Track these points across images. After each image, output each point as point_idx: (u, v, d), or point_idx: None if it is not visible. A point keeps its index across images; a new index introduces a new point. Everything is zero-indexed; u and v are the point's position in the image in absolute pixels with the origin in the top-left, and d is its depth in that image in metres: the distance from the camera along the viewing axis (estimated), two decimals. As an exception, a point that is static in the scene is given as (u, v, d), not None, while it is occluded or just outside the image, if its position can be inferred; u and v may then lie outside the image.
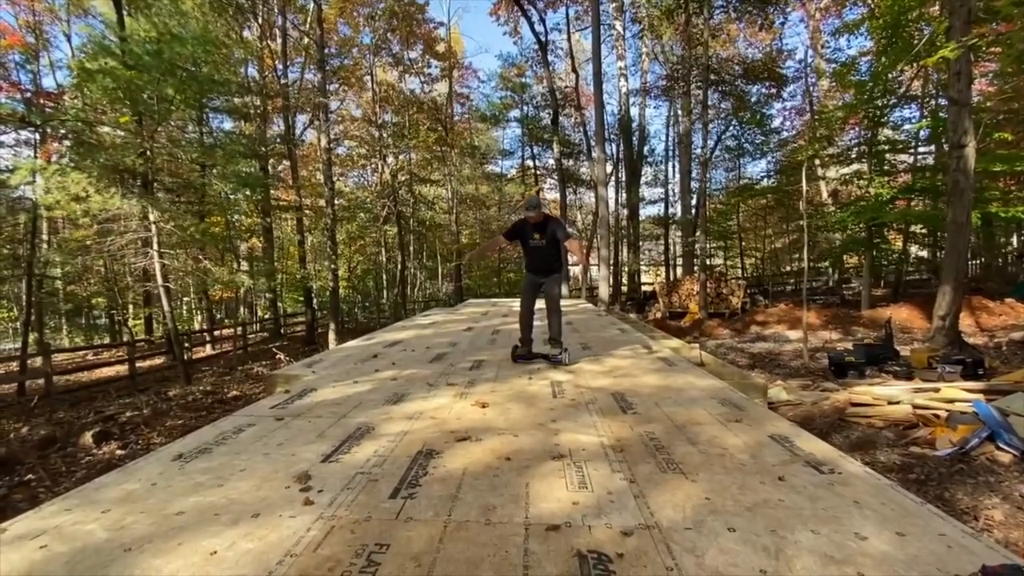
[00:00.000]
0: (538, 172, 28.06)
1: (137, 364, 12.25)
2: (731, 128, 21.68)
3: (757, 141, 22.02)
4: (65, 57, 20.50)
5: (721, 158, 25.78)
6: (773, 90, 20.63)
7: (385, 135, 23.02)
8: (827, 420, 4.84)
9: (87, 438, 6.42)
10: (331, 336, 14.67)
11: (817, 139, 15.59)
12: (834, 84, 18.07)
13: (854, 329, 12.34)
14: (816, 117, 16.87)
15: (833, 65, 17.84)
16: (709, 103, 17.97)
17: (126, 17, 12.93)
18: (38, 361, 11.94)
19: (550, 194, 30.77)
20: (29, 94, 17.12)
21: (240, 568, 1.45)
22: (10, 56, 17.90)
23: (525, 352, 4.48)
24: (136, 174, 10.74)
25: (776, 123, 23.67)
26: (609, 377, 3.86)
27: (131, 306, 21.70)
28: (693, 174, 20.53)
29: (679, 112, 23.10)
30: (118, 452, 6.17)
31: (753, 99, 20.36)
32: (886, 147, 15.42)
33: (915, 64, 11.52)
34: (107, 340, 21.92)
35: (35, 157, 15.76)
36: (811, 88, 21.17)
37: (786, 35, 25.47)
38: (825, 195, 19.34)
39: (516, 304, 12.31)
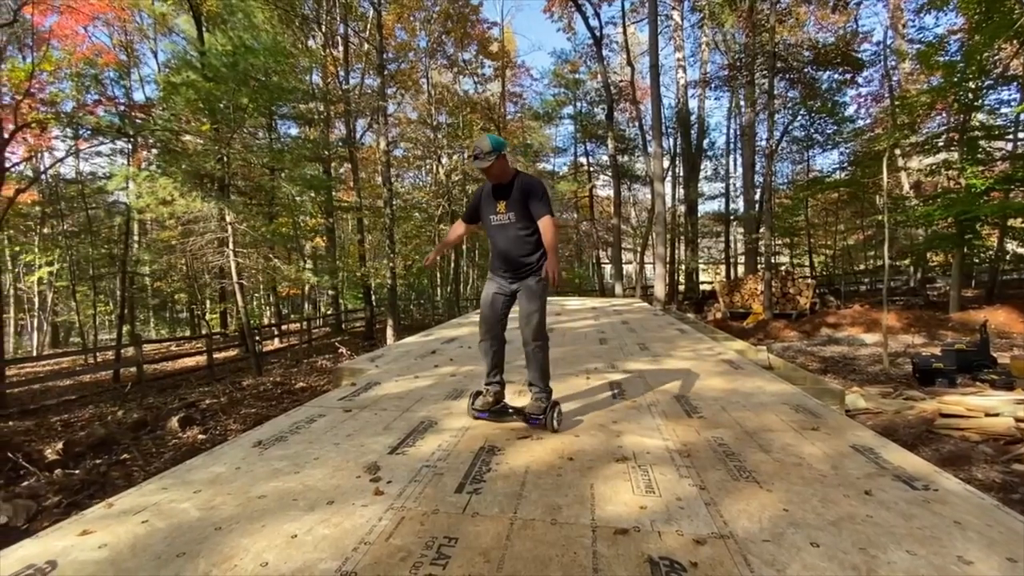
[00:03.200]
0: (591, 169, 27.69)
1: (214, 355, 13.17)
2: (799, 118, 20.40)
3: (828, 131, 20.61)
4: (152, 72, 22.38)
5: (787, 150, 24.38)
6: (847, 76, 19.24)
7: (440, 136, 23.49)
8: (912, 431, 4.46)
9: (173, 423, 6.97)
10: (389, 332, 15.15)
11: (898, 127, 14.41)
12: (918, 66, 16.63)
13: (940, 333, 11.32)
14: (897, 103, 15.59)
15: (917, 46, 16.40)
16: (775, 92, 17.00)
17: (205, 33, 13.93)
18: (130, 351, 13.12)
19: (603, 191, 30.33)
20: (123, 107, 18.80)
21: (319, 552, 1.52)
22: (106, 73, 19.73)
23: (489, 404, 2.77)
24: (214, 178, 11.54)
25: (850, 111, 22.06)
26: (671, 379, 3.74)
27: (208, 301, 23.39)
28: (757, 167, 19.55)
29: (742, 103, 22.07)
30: (199, 436, 6.66)
31: (824, 86, 19.08)
32: (980, 133, 14.02)
33: (1015, 41, 10.38)
34: (188, 333, 23.74)
35: (128, 165, 17.29)
36: (891, 72, 19.58)
37: (862, 16, 23.80)
38: (906, 187, 17.86)
39: (569, 302, 12.22)
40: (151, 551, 1.55)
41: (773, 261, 18.47)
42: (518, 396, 3.26)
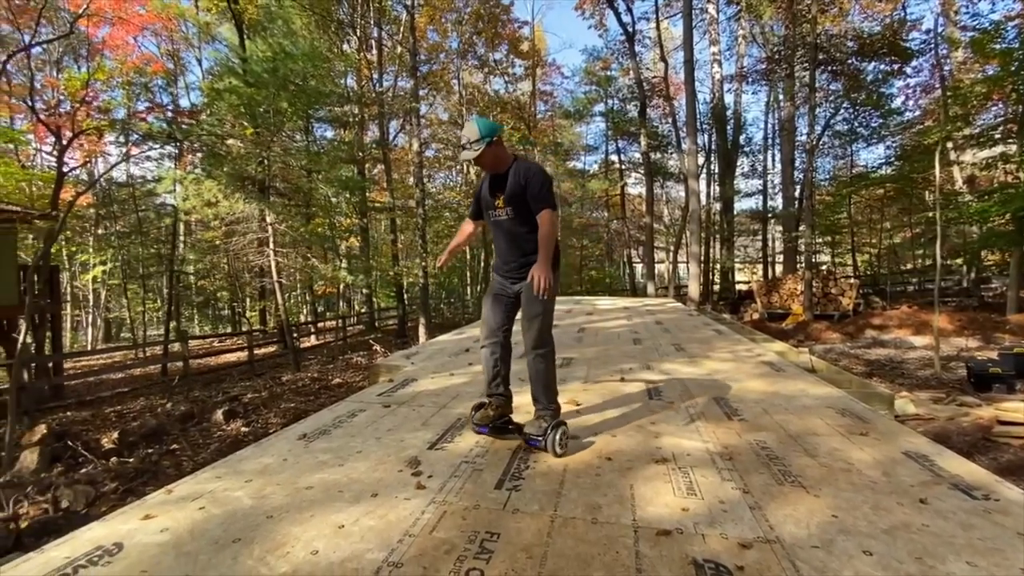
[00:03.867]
0: (623, 167, 27.36)
1: (255, 351, 13.66)
2: (842, 111, 19.60)
3: (873, 124, 19.73)
4: (196, 79, 23.35)
5: (829, 145, 23.47)
6: (894, 66, 18.37)
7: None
8: (967, 439, 4.24)
9: (218, 415, 7.27)
10: (421, 330, 15.37)
11: (950, 119, 13.68)
12: (971, 55, 15.73)
13: (997, 336, 10.70)
14: (949, 94, 14.80)
15: (970, 33, 15.51)
16: (816, 85, 16.36)
17: (246, 40, 14.44)
18: (176, 346, 13.74)
19: (634, 189, 29.92)
20: (171, 113, 19.68)
21: (366, 543, 1.56)
22: (155, 81, 20.71)
23: (489, 418, 2.49)
24: (255, 181, 11.95)
25: (897, 103, 21.03)
26: (709, 380, 3.67)
27: (248, 299, 24.26)
28: (797, 163, 18.91)
29: (780, 97, 21.38)
30: (242, 429, 6.92)
31: (869, 77, 18.27)
32: (1041, 124, 13.14)
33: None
34: (229, 329, 24.68)
35: (175, 168, 18.09)
36: (942, 61, 18.60)
37: (910, 3, 22.70)
38: (959, 182, 16.95)
39: (600, 301, 12.11)
40: (209, 536, 1.63)
41: (814, 260, 17.85)
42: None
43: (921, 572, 1.41)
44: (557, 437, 2.25)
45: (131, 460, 5.67)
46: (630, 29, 19.78)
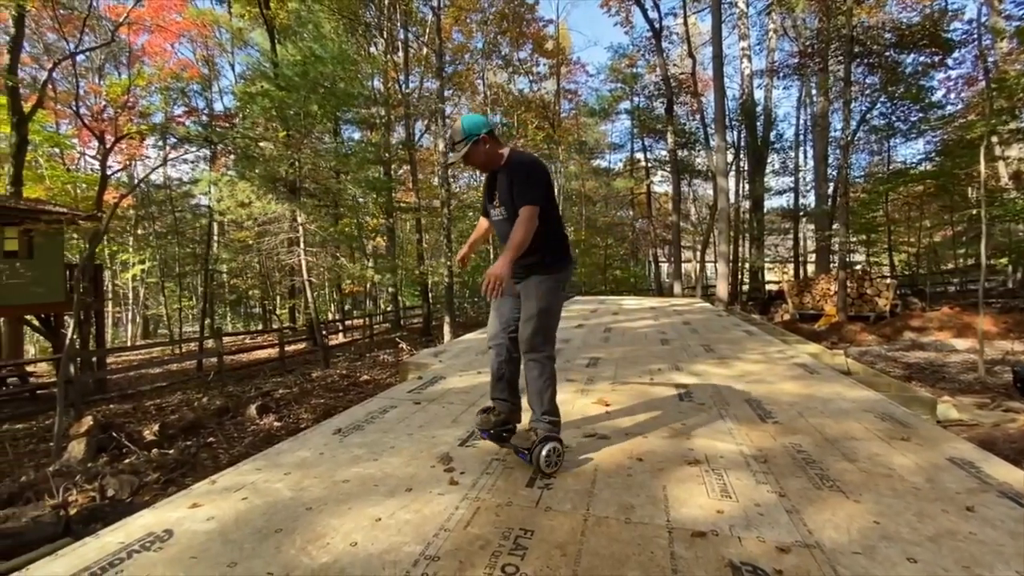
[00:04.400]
0: (649, 165, 27.03)
1: (285, 348, 14.01)
2: (878, 105, 18.92)
3: (912, 118, 18.98)
4: (229, 84, 24.04)
5: (864, 140, 22.70)
6: (935, 58, 17.63)
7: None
8: (1015, 446, 4.05)
9: (252, 410, 7.49)
10: (446, 328, 15.50)
11: (995, 112, 13.06)
12: (1017, 45, 15.00)
13: (1046, 339, 10.18)
14: (994, 86, 14.13)
15: (1016, 23, 14.82)
16: (851, 79, 15.83)
17: (277, 45, 14.79)
18: (210, 343, 14.19)
19: (660, 187, 29.52)
20: (206, 117, 20.33)
21: (402, 536, 1.60)
22: (191, 86, 21.43)
23: (490, 423, 2.38)
24: (286, 182, 12.26)
25: (937, 96, 20.18)
26: (740, 382, 3.61)
27: (278, 298, 24.88)
28: (830, 160, 18.37)
29: (813, 91, 20.80)
30: (275, 424, 7.12)
31: (907, 70, 17.58)
32: (1096, 117, 12.47)
33: None
34: (260, 327, 25.37)
35: (209, 170, 18.68)
36: (985, 52, 17.76)
37: (952, -8, 21.74)
38: (1005, 178, 16.20)
39: (626, 301, 12.00)
40: (252, 525, 1.69)
41: (848, 259, 17.29)
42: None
43: (970, 582, 1.37)
44: (544, 452, 2.03)
45: (171, 452, 5.89)
46: (657, 25, 19.53)
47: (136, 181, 21.87)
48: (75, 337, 8.92)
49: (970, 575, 1.39)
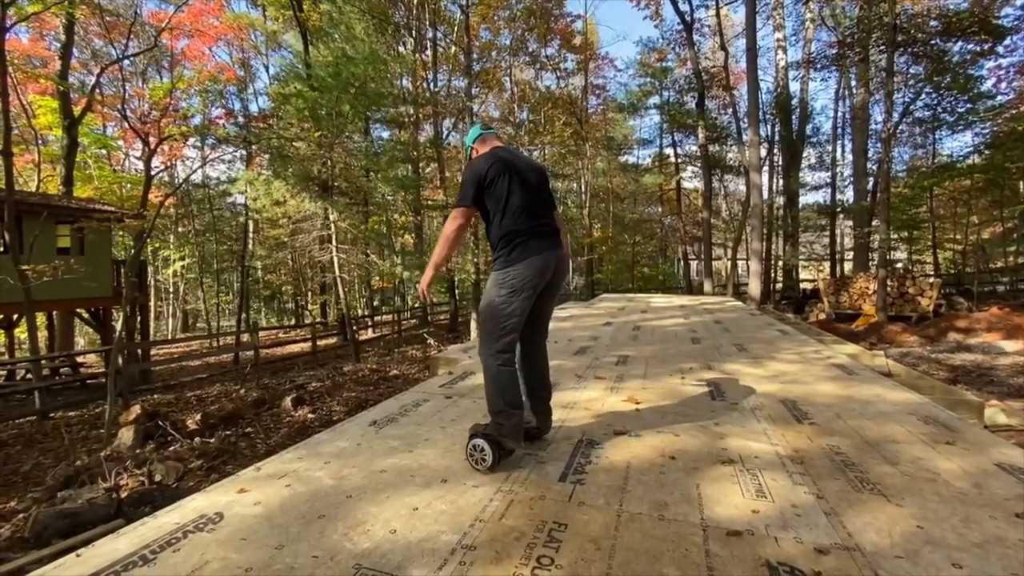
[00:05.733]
0: (679, 160, 26.56)
1: (317, 343, 14.37)
2: (923, 96, 18.07)
3: (960, 109, 18.07)
4: (264, 85, 24.73)
5: (907, 133, 21.77)
6: (985, 46, 16.73)
7: (522, 133, 23.70)
8: (1070, 454, 3.86)
9: (287, 402, 7.73)
10: (472, 324, 15.63)
11: (1052, 101, 12.34)
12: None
13: (1106, 342, 9.60)
14: (1051, 73, 13.35)
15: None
16: (894, 69, 15.17)
17: (310, 46, 15.13)
18: (246, 336, 14.67)
19: (689, 183, 28.97)
20: (242, 118, 20.96)
21: (439, 525, 1.65)
22: (228, 88, 22.11)
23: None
24: (319, 181, 12.56)
25: (987, 85, 19.15)
26: (775, 383, 3.54)
27: (310, 294, 25.50)
28: (870, 154, 17.69)
29: (852, 83, 20.04)
30: (309, 416, 7.33)
31: (955, 59, 16.73)
32: None
33: None
34: (293, 322, 26.07)
35: (245, 170, 19.27)
36: (1043, 37, 16.76)
37: (1005, -25, 20.54)
38: (1061, 172, 15.29)
39: (654, 299, 11.86)
40: (296, 511, 1.76)
41: (889, 257, 16.64)
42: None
43: (1020, 590, 1.33)
44: (468, 447, 2.11)
45: (212, 440, 6.14)
46: (688, 18, 19.15)
47: (178, 181, 22.72)
48: (123, 330, 9.37)
49: (1021, 583, 1.35)
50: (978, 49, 16.67)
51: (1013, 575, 1.39)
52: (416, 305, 23.96)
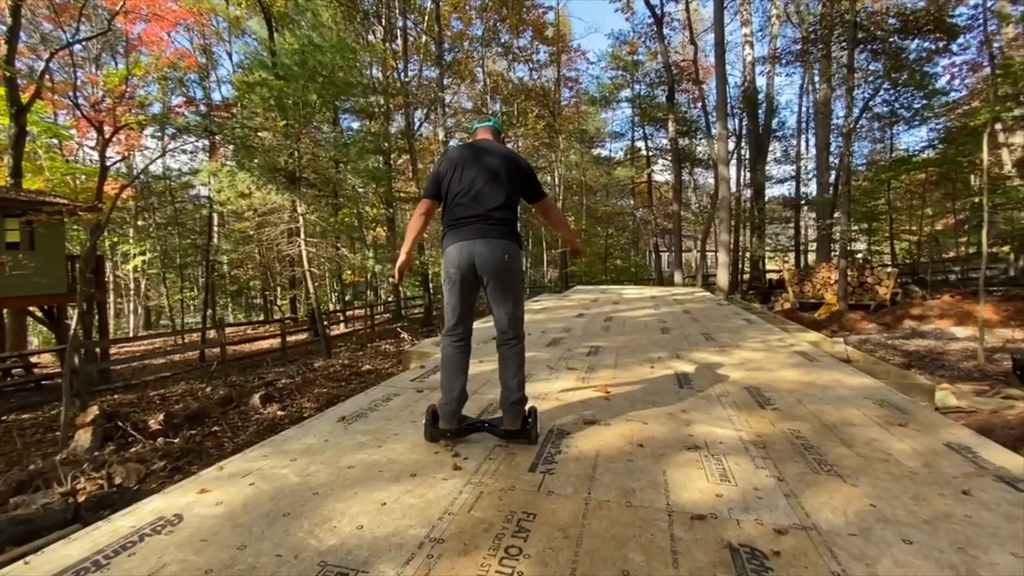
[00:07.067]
0: (650, 153, 26.87)
1: (287, 339, 14.06)
2: (881, 92, 18.74)
3: (916, 105, 18.81)
4: (228, 73, 23.85)
5: (867, 128, 22.54)
6: (940, 44, 17.43)
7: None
8: (1013, 432, 4.10)
9: (255, 399, 7.54)
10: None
11: (999, 98, 12.96)
12: (1023, 31, 14.85)
13: (1046, 327, 10.21)
14: (998, 72, 14.00)
15: (1022, 8, 14.64)
16: (855, 65, 15.67)
17: (275, 33, 14.65)
18: (212, 333, 14.25)
19: (661, 176, 29.39)
20: (204, 107, 20.18)
21: (407, 519, 1.63)
22: (188, 75, 21.24)
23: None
24: (286, 172, 12.22)
25: (941, 82, 19.98)
26: (740, 370, 3.64)
27: (279, 288, 24.91)
28: (832, 148, 18.26)
29: (816, 78, 20.63)
30: (279, 413, 7.17)
31: (911, 56, 17.39)
32: (1101, 102, 12.36)
33: None
34: (261, 317, 25.43)
35: (208, 161, 18.60)
36: (991, 38, 17.59)
37: (958, -24, 21.36)
38: (1008, 166, 16.10)
39: (626, 290, 12.07)
40: (260, 509, 1.72)
41: (849, 248, 17.27)
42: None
43: (963, 562, 1.39)
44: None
45: (176, 440, 5.95)
46: (658, 11, 19.33)
47: (136, 172, 21.78)
48: (78, 328, 8.96)
49: (965, 556, 1.42)
50: (933, 47, 17.35)
51: (959, 549, 1.46)
52: (389, 299, 23.69)
